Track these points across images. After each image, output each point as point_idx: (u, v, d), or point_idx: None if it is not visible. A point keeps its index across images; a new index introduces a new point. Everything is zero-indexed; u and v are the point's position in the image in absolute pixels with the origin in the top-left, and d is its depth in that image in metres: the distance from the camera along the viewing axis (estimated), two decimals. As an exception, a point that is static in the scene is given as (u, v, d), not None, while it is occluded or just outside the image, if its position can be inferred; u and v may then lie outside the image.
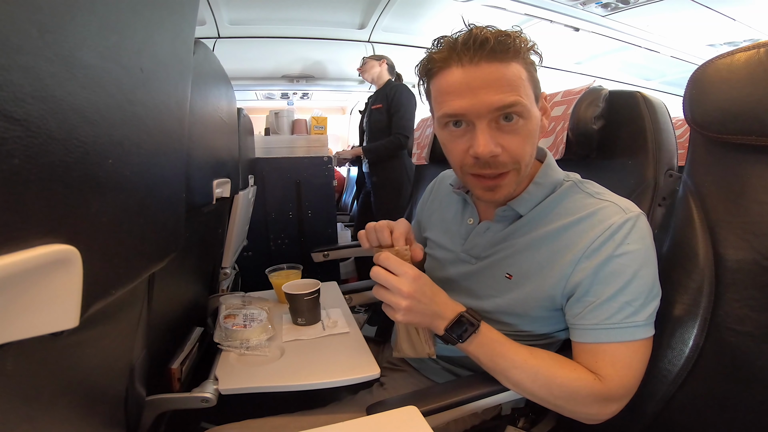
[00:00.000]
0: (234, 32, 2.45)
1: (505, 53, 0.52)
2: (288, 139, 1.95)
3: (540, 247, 0.61)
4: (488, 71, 0.52)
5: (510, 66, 0.53)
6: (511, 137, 0.55)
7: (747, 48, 0.50)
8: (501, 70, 0.52)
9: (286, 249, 1.92)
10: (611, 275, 0.54)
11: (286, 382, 0.64)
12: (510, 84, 0.53)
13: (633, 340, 0.54)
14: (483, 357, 0.58)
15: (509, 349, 0.57)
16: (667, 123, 0.77)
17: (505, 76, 0.52)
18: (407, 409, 0.51)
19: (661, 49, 2.78)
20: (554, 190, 0.63)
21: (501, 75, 0.52)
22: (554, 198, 0.62)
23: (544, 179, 0.63)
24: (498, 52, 0.52)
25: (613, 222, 0.55)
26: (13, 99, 0.19)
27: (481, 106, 0.53)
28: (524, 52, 0.54)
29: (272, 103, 3.81)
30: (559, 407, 0.57)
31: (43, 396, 0.32)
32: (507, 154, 0.56)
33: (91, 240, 0.26)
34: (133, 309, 0.47)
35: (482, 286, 0.67)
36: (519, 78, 0.53)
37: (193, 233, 0.72)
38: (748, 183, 0.52)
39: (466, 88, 0.53)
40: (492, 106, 0.52)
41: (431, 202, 0.85)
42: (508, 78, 0.53)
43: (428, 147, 1.45)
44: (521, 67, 0.54)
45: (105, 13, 0.26)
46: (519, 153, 0.56)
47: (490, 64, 0.52)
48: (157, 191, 0.38)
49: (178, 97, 0.42)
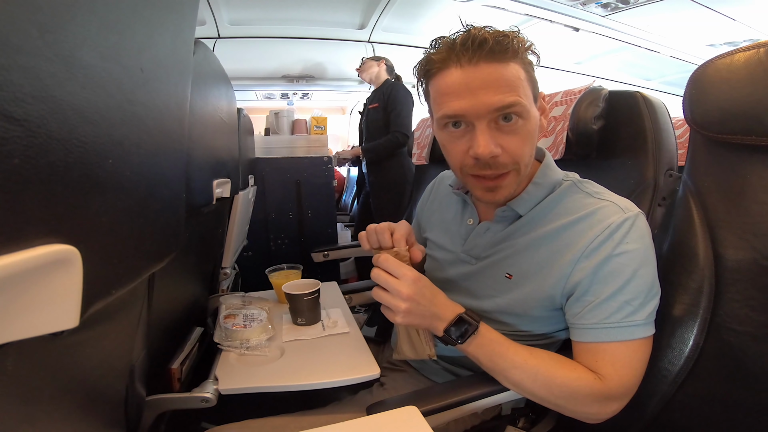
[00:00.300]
0: (234, 32, 2.45)
1: (503, 53, 0.52)
2: (288, 139, 1.96)
3: (540, 247, 0.61)
4: (487, 72, 0.52)
5: (509, 66, 0.53)
6: (511, 138, 0.55)
7: (747, 48, 0.50)
8: (500, 70, 0.52)
9: (286, 249, 1.92)
10: (610, 274, 0.54)
11: (286, 382, 0.64)
12: (509, 84, 0.53)
13: (632, 339, 0.54)
14: (482, 357, 0.58)
15: (508, 350, 0.57)
16: (667, 123, 0.77)
17: (503, 76, 0.52)
18: (407, 409, 0.51)
19: (661, 49, 2.78)
20: (553, 190, 0.63)
21: (500, 75, 0.52)
22: (553, 198, 0.62)
23: (543, 179, 0.63)
24: (496, 52, 0.52)
25: (612, 221, 0.56)
26: (13, 99, 0.19)
27: (481, 107, 0.53)
28: (522, 52, 0.54)
29: (272, 103, 3.81)
30: (559, 407, 0.57)
31: (43, 396, 0.32)
32: (507, 154, 0.56)
33: (91, 240, 0.26)
34: (133, 309, 0.47)
35: (482, 286, 0.67)
36: (518, 78, 0.53)
37: (193, 233, 0.72)
38: (748, 183, 0.52)
39: (465, 88, 0.53)
40: (492, 107, 0.52)
41: (431, 203, 0.85)
42: (507, 78, 0.53)
43: (428, 147, 1.45)
44: (519, 67, 0.54)
45: (105, 13, 0.26)
46: (518, 153, 0.56)
47: (489, 65, 0.52)
48: (157, 191, 0.38)
49: (178, 97, 0.42)
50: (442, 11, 2.37)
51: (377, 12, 2.37)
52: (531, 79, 0.56)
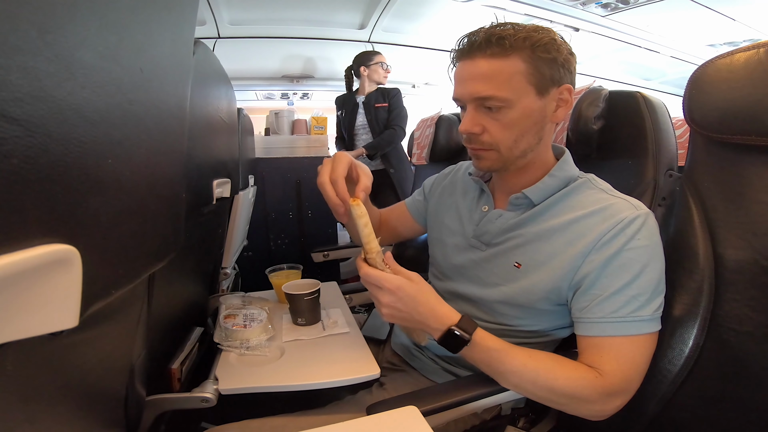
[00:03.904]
0: (234, 32, 2.45)
1: (497, 49, 0.57)
2: (288, 139, 1.96)
3: (551, 238, 0.62)
4: (478, 65, 0.59)
5: (506, 61, 0.57)
6: (493, 123, 0.61)
7: (747, 48, 0.50)
8: (490, 64, 0.58)
9: (286, 249, 1.92)
10: (619, 269, 0.55)
11: (286, 382, 0.64)
12: (491, 78, 0.58)
13: (638, 334, 0.55)
14: (480, 363, 0.60)
15: (507, 355, 0.58)
16: (667, 123, 0.77)
17: (490, 70, 0.58)
18: (407, 409, 0.51)
19: (661, 49, 2.78)
20: (568, 184, 0.65)
21: (486, 69, 0.58)
22: (567, 191, 0.64)
23: (559, 173, 0.65)
24: (486, 49, 0.58)
25: (625, 216, 0.57)
26: (13, 99, 0.19)
27: (466, 95, 0.61)
28: (527, 48, 0.57)
29: (272, 103, 3.80)
30: (562, 405, 0.57)
31: (43, 396, 0.32)
32: (488, 134, 0.62)
33: (91, 240, 0.26)
34: (133, 309, 0.47)
35: (490, 273, 0.68)
36: (506, 73, 0.58)
37: (193, 233, 0.72)
38: (748, 183, 0.52)
39: (461, 78, 0.62)
40: (471, 96, 0.60)
41: (448, 181, 0.86)
42: (494, 72, 0.58)
43: (428, 147, 1.45)
44: (521, 62, 0.57)
45: (105, 13, 0.26)
46: (498, 137, 0.62)
47: (484, 59, 0.58)
48: (157, 191, 0.38)
49: (178, 97, 0.42)
50: (442, 11, 2.37)
51: (377, 12, 2.37)
52: (536, 73, 0.58)
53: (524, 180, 0.67)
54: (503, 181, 0.71)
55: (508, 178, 0.69)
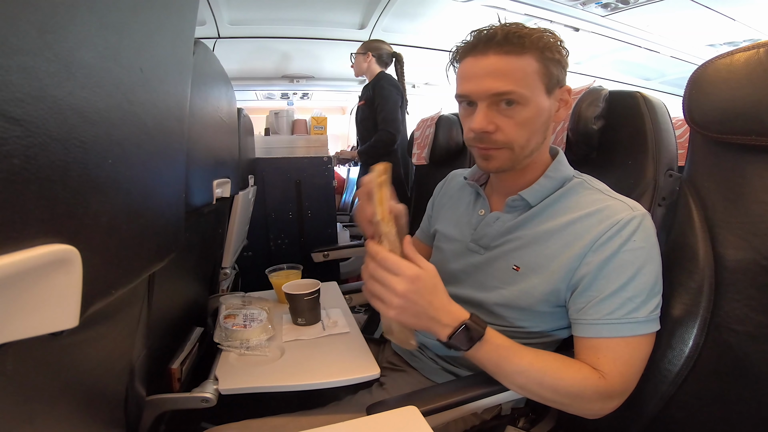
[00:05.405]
0: (234, 32, 2.45)
1: (513, 47, 0.57)
2: (288, 139, 1.95)
3: (548, 240, 0.62)
4: (493, 61, 0.58)
5: (520, 59, 0.57)
6: (507, 120, 0.60)
7: (747, 48, 0.50)
8: (506, 61, 0.58)
9: (286, 249, 1.92)
10: (615, 271, 0.56)
11: (286, 382, 0.64)
12: (509, 74, 0.57)
13: (634, 335, 0.55)
14: (488, 363, 0.58)
15: (515, 354, 0.57)
16: (667, 123, 0.77)
17: (507, 66, 0.58)
18: (407, 409, 0.51)
19: (661, 49, 2.77)
20: (563, 184, 0.65)
21: (503, 66, 0.58)
22: (563, 192, 0.65)
23: (554, 173, 0.66)
24: (504, 45, 0.57)
25: (621, 218, 0.57)
26: (13, 99, 0.19)
27: (481, 91, 0.59)
28: (541, 48, 0.58)
29: (272, 103, 3.80)
30: (563, 405, 0.57)
31: (43, 396, 0.32)
32: (501, 133, 0.61)
33: (91, 240, 0.26)
34: (133, 309, 0.47)
35: (489, 277, 0.68)
36: (523, 70, 0.58)
37: (193, 233, 0.72)
38: (748, 183, 0.52)
39: (472, 74, 0.60)
40: (489, 92, 0.59)
41: (441, 197, 0.89)
42: (511, 69, 0.58)
43: (428, 147, 1.45)
44: (534, 61, 0.58)
45: (105, 13, 0.26)
46: (512, 134, 0.61)
47: (498, 56, 0.58)
48: (157, 191, 0.38)
49: (178, 97, 0.42)
50: (442, 11, 2.36)
51: (377, 12, 2.36)
52: (547, 73, 0.59)
53: (523, 181, 0.67)
54: (502, 183, 0.71)
55: (508, 179, 0.69)
